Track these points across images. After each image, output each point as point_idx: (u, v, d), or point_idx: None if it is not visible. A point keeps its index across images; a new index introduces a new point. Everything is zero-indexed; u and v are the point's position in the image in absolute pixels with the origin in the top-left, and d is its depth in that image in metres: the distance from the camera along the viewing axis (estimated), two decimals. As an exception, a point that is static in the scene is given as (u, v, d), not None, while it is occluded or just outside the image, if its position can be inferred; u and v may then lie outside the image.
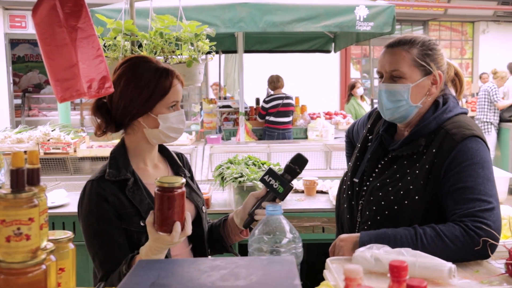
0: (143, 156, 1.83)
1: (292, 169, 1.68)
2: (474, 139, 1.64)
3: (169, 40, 2.79)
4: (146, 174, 1.81)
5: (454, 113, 1.74)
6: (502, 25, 13.86)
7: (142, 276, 1.10)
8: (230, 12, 5.38)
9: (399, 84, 1.70)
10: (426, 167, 1.66)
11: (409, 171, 1.68)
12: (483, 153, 1.63)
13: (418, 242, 1.51)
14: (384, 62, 1.75)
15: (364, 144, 1.92)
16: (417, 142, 1.70)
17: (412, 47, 1.72)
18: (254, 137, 7.43)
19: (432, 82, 1.74)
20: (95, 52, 1.45)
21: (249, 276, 1.08)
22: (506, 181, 3.11)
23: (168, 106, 1.76)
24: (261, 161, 3.12)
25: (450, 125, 1.69)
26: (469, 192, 1.57)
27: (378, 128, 1.89)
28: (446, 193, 1.61)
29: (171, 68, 1.80)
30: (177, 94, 1.78)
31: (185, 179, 1.88)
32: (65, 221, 3.01)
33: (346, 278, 0.97)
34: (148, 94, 1.72)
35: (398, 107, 1.72)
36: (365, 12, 5.64)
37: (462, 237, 1.50)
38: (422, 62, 1.71)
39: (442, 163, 1.63)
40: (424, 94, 1.73)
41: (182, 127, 1.80)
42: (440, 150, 1.65)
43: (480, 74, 11.23)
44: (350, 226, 1.82)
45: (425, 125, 1.71)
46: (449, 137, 1.65)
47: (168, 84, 1.74)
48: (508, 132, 7.94)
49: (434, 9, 13.23)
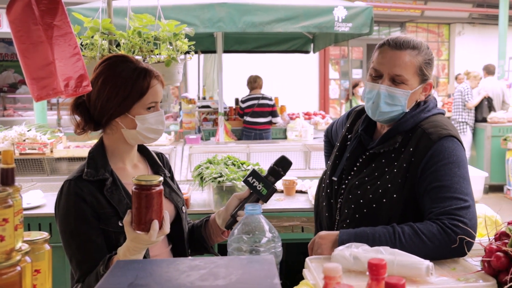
0: (122, 156, 1.81)
1: (276, 171, 1.68)
2: (450, 139, 1.66)
3: (147, 39, 2.76)
4: (125, 174, 1.79)
5: (431, 113, 1.76)
6: (477, 27, 14.10)
7: (120, 277, 1.08)
8: (209, 12, 5.37)
9: (400, 90, 1.69)
10: (404, 165, 1.67)
11: (387, 170, 1.69)
12: (459, 152, 1.66)
13: (397, 240, 1.52)
14: (386, 62, 1.70)
15: (343, 143, 1.92)
16: (393, 139, 1.72)
17: (419, 54, 1.70)
18: (234, 137, 7.43)
19: (422, 90, 1.76)
20: (72, 50, 1.42)
21: (229, 276, 1.08)
22: (482, 180, 3.16)
23: (146, 107, 1.74)
24: (241, 161, 3.12)
25: (427, 125, 1.71)
26: (445, 190, 1.59)
27: (357, 127, 1.90)
28: (423, 191, 1.63)
29: (150, 68, 1.77)
30: (156, 95, 1.75)
31: (165, 178, 1.88)
32: (41, 222, 2.96)
33: (325, 276, 0.97)
34: (125, 94, 1.70)
35: (393, 111, 1.72)
36: (343, 13, 5.67)
37: (439, 235, 1.51)
38: (425, 70, 1.72)
39: (419, 162, 1.65)
40: (414, 100, 1.75)
41: (162, 128, 1.78)
42: (417, 149, 1.66)
43: (456, 75, 11.41)
44: (329, 224, 1.82)
45: (402, 122, 1.72)
46: (425, 136, 1.67)
47: (146, 84, 1.72)
48: (483, 132, 8.08)
49: (411, 10, 13.40)
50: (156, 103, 1.77)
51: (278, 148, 5.51)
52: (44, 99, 1.37)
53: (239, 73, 10.29)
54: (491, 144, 7.96)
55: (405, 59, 1.68)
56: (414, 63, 1.69)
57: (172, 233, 1.86)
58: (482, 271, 1.36)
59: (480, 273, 1.36)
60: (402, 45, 1.69)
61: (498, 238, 1.40)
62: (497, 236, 1.41)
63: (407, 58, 1.68)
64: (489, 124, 8.07)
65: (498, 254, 1.29)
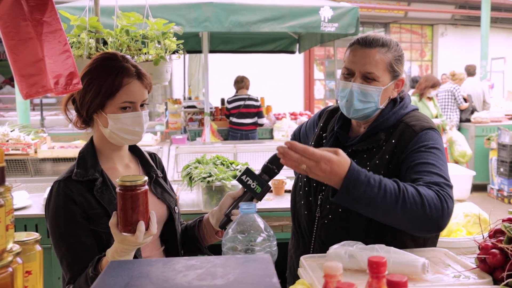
0: (110, 155, 1.79)
1: (270, 169, 1.66)
2: (432, 131, 1.71)
3: (135, 38, 2.73)
4: (115, 174, 1.76)
5: (409, 109, 1.81)
6: (460, 28, 14.27)
7: (115, 278, 1.06)
8: (196, 12, 5.34)
9: (372, 86, 1.71)
10: (386, 157, 1.69)
11: (369, 163, 1.70)
12: (440, 141, 1.70)
13: (401, 194, 1.45)
14: (357, 61, 1.72)
15: (318, 142, 1.92)
16: (376, 137, 1.74)
17: (388, 52, 1.73)
18: (220, 137, 7.40)
19: (395, 86, 1.78)
20: (62, 47, 1.39)
21: (227, 275, 1.06)
22: (469, 179, 3.19)
23: (120, 107, 1.70)
24: (230, 161, 3.10)
25: (409, 119, 1.75)
26: (432, 167, 1.58)
27: (332, 125, 1.91)
28: (407, 167, 1.62)
29: (128, 67, 1.72)
30: (130, 94, 1.70)
31: (157, 178, 1.86)
32: (27, 223, 2.91)
33: (325, 275, 0.96)
34: (97, 91, 1.68)
35: (366, 108, 1.74)
36: (329, 13, 5.69)
37: (436, 200, 1.47)
38: (396, 67, 1.74)
39: (402, 149, 1.67)
40: (387, 97, 1.78)
41: (139, 130, 1.73)
42: (400, 140, 1.69)
43: (441, 75, 11.52)
44: (308, 222, 1.81)
45: (385, 120, 1.75)
46: (409, 128, 1.70)
47: (116, 83, 1.68)
48: (467, 132, 8.17)
49: (395, 11, 13.51)
50: (132, 104, 1.71)
51: (264, 148, 5.51)
52: (34, 97, 1.34)
53: (225, 73, 10.27)
54: (475, 144, 8.05)
55: (375, 56, 1.71)
56: (384, 60, 1.71)
57: (165, 234, 1.86)
58: (477, 268, 1.37)
59: (476, 270, 1.36)
60: (372, 43, 1.72)
61: (492, 236, 1.40)
62: (491, 234, 1.41)
63: (377, 55, 1.71)
64: (473, 124, 8.16)
65: (494, 251, 1.30)
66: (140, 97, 1.73)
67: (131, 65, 1.74)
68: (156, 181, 1.86)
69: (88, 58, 2.58)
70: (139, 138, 1.76)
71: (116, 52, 1.82)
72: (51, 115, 10.71)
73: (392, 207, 1.45)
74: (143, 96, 1.75)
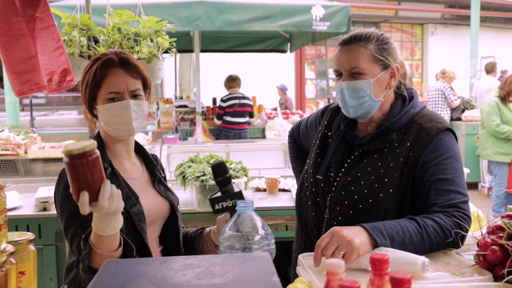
0: (116, 149, 1.82)
1: (223, 181, 1.66)
2: (447, 133, 1.71)
3: (127, 35, 2.71)
4: (123, 168, 1.80)
5: (420, 107, 1.79)
6: (449, 27, 14.35)
7: (112, 278, 1.04)
8: (187, 10, 5.31)
9: (360, 81, 1.70)
10: (400, 160, 1.67)
11: (380, 164, 1.69)
12: (455, 147, 1.71)
13: (423, 231, 1.51)
14: (341, 60, 1.74)
15: (323, 140, 1.90)
16: (388, 137, 1.72)
17: (368, 43, 1.72)
18: (212, 137, 7.37)
19: (390, 76, 1.76)
20: (55, 43, 1.37)
21: (226, 274, 1.04)
22: (463, 176, 3.18)
23: (106, 98, 1.72)
24: (224, 160, 3.07)
25: (422, 119, 1.73)
26: (449, 184, 1.62)
27: (337, 124, 1.89)
28: (425, 182, 1.64)
29: (111, 57, 1.74)
30: (114, 84, 1.71)
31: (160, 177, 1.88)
32: (18, 224, 2.87)
33: (328, 272, 0.94)
34: (86, 84, 1.74)
35: (361, 103, 1.73)
36: (321, 12, 5.69)
37: (455, 227, 1.54)
38: (380, 56, 1.72)
39: (419, 155, 1.66)
40: (384, 87, 1.75)
41: (127, 119, 1.71)
42: (415, 144, 1.68)
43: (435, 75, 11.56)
44: (316, 224, 1.79)
45: (397, 120, 1.73)
46: (423, 131, 1.69)
47: (99, 74, 1.71)
48: (458, 130, 8.20)
49: (385, 11, 13.55)
50: (118, 94, 1.72)
51: (257, 147, 5.49)
52: (27, 94, 1.31)
53: (216, 72, 10.24)
54: (466, 142, 8.08)
55: (356, 51, 1.71)
56: (365, 52, 1.71)
57: (167, 232, 1.88)
58: (477, 265, 1.36)
59: (475, 267, 1.35)
60: (351, 40, 1.73)
61: (491, 232, 1.39)
62: (490, 230, 1.40)
63: (358, 49, 1.71)
64: (464, 123, 8.19)
65: (493, 247, 1.29)
66: (126, 86, 1.73)
67: (116, 56, 1.75)
68: (159, 180, 1.89)
69: (79, 56, 2.55)
70: (130, 128, 1.74)
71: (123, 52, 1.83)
72: (41, 116, 10.64)
73: (420, 244, 1.50)
74: (130, 86, 1.73)
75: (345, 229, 1.42)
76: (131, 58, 1.79)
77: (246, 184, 3.01)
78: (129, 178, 1.80)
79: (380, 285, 0.97)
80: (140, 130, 1.83)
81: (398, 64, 1.76)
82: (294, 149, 2.26)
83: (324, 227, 1.75)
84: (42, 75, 1.32)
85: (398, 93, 1.80)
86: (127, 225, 1.68)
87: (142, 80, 1.78)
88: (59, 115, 10.56)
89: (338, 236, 1.40)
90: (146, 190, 1.84)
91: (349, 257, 1.37)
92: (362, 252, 1.39)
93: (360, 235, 1.42)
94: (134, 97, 1.74)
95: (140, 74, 1.77)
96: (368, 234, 1.43)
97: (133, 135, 1.81)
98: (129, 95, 1.73)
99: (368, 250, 1.41)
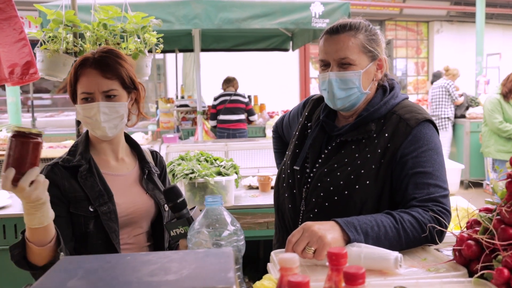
0: (101, 147, 1.82)
1: (174, 206, 1.62)
2: (427, 125, 1.65)
3: (113, 32, 2.67)
4: (107, 165, 1.81)
5: (400, 98, 1.74)
6: (455, 25, 14.21)
7: (63, 273, 1.00)
8: (185, 9, 5.29)
9: (350, 72, 1.65)
10: (378, 151, 1.62)
11: (358, 155, 1.64)
12: (436, 139, 1.66)
13: (400, 226, 1.46)
14: (329, 50, 1.67)
15: (302, 131, 1.85)
16: (367, 127, 1.67)
17: (358, 33, 1.67)
18: (213, 136, 7.34)
19: (377, 67, 1.71)
20: (18, 35, 1.33)
21: (181, 270, 1.00)
22: (458, 172, 3.13)
23: (81, 97, 1.73)
24: (214, 157, 3.04)
25: (401, 110, 1.68)
26: (428, 177, 1.58)
27: (317, 115, 1.84)
28: (404, 176, 1.59)
29: (87, 57, 1.74)
30: (85, 85, 1.71)
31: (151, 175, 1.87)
32: (5, 223, 2.85)
33: (281, 268, 0.90)
34: (66, 82, 1.80)
35: (350, 95, 1.68)
36: (320, 9, 5.63)
37: (433, 222, 1.49)
38: (370, 47, 1.67)
39: (397, 147, 1.62)
40: (371, 79, 1.71)
41: (97, 121, 1.70)
42: (394, 135, 1.63)
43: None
44: (292, 216, 1.74)
45: (375, 110, 1.68)
46: (403, 122, 1.64)
47: (73, 73, 1.74)
48: (463, 128, 8.10)
49: (390, 8, 13.44)
50: (90, 94, 1.71)
51: (256, 146, 5.44)
52: (-13, 87, 1.28)
53: (219, 72, 10.19)
54: (470, 140, 7.98)
55: (346, 41, 1.66)
56: (356, 43, 1.66)
57: (153, 231, 1.88)
58: (453, 260, 1.30)
59: (451, 263, 1.30)
60: (339, 29, 1.68)
61: (469, 227, 1.34)
62: (469, 225, 1.35)
63: (348, 39, 1.66)
64: (468, 120, 8.09)
65: (469, 242, 1.23)
66: (98, 87, 1.70)
67: (93, 55, 1.74)
68: (148, 176, 1.87)
69: (64, 53, 2.52)
70: (101, 129, 1.72)
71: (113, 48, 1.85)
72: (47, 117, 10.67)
73: (396, 240, 1.45)
74: (102, 86, 1.71)
75: (317, 224, 1.37)
76: (112, 57, 1.75)
77: (237, 181, 2.98)
78: (112, 174, 1.80)
79: (337, 281, 0.92)
80: (118, 131, 1.78)
81: (385, 56, 1.72)
82: (278, 144, 2.21)
83: (300, 219, 1.71)
84: (3, 67, 1.29)
85: (379, 84, 1.76)
86: (96, 223, 1.68)
87: (119, 80, 1.74)
88: (65, 116, 10.61)
89: (309, 232, 1.35)
90: (130, 188, 1.82)
91: (320, 253, 1.32)
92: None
93: (333, 230, 1.37)
94: (107, 98, 1.71)
95: (117, 74, 1.73)
96: (341, 229, 1.39)
97: (108, 136, 1.77)
98: (101, 96, 1.71)
99: (341, 245, 1.36)
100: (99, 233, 1.67)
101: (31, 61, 1.36)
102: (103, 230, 1.67)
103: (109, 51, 1.78)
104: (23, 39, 1.36)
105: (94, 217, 1.67)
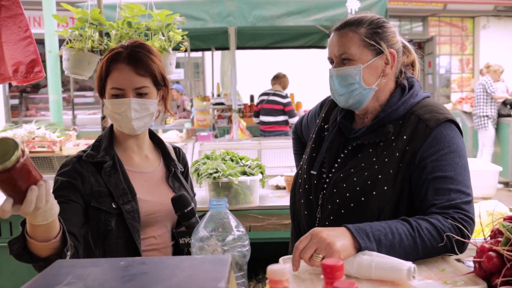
0: (126, 143, 1.79)
1: (182, 215, 1.61)
2: (448, 125, 1.54)
3: (138, 30, 2.66)
4: (130, 161, 1.78)
5: (420, 97, 1.62)
6: (503, 20, 13.68)
7: (49, 280, 0.97)
8: (219, 7, 5.28)
9: (348, 67, 1.58)
10: (396, 155, 1.53)
11: (375, 160, 1.55)
12: (458, 140, 1.54)
13: (416, 234, 1.36)
14: (332, 46, 1.62)
15: (319, 134, 1.77)
16: (384, 129, 1.57)
17: (359, 27, 1.59)
18: (249, 134, 7.28)
19: (385, 62, 1.61)
20: (23, 33, 1.32)
21: (170, 278, 0.96)
22: (495, 175, 2.96)
23: (110, 93, 1.69)
24: (239, 156, 2.99)
25: (421, 110, 1.57)
26: (449, 182, 1.47)
27: (334, 116, 1.76)
28: (423, 181, 1.49)
29: (120, 51, 1.69)
30: (116, 80, 1.67)
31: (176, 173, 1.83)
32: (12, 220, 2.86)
33: (269, 280, 0.84)
34: (97, 75, 1.74)
35: (351, 91, 1.60)
36: (356, 5, 5.49)
37: (453, 230, 1.39)
38: (371, 41, 1.58)
39: (416, 150, 1.52)
40: (378, 75, 1.60)
41: (126, 118, 1.67)
42: (413, 137, 1.53)
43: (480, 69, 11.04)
44: (308, 223, 1.66)
45: (393, 110, 1.58)
46: (422, 123, 1.54)
47: (105, 68, 1.69)
48: (508, 127, 7.75)
49: (433, 4, 13.06)
50: (121, 90, 1.67)
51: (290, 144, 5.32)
52: (-8, 85, 1.27)
53: (255, 70, 10.17)
54: (516, 140, 7.65)
55: (346, 36, 1.59)
56: (355, 37, 1.58)
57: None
58: (473, 273, 1.21)
59: (471, 275, 1.20)
60: (342, 26, 1.62)
61: (493, 236, 1.24)
62: (492, 234, 1.25)
63: (347, 34, 1.59)
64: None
65: (489, 254, 1.13)
66: (130, 84, 1.67)
67: (126, 50, 1.71)
68: (174, 175, 1.84)
69: (90, 51, 2.53)
70: (130, 127, 1.70)
71: (144, 43, 1.81)
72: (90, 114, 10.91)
73: (412, 248, 1.36)
74: (134, 83, 1.68)
75: (326, 231, 1.30)
76: (144, 52, 1.73)
77: (262, 181, 2.92)
78: (136, 171, 1.77)
79: (332, 296, 0.85)
80: (146, 128, 1.78)
81: (396, 49, 1.61)
82: (298, 145, 2.13)
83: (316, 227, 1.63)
84: (7, 65, 1.28)
85: (398, 83, 1.66)
86: (118, 221, 1.65)
87: (151, 77, 1.71)
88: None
89: (317, 238, 1.28)
90: (156, 186, 1.79)
91: None
92: (344, 256, 1.26)
93: (343, 237, 1.29)
94: (139, 95, 1.69)
95: (149, 71, 1.70)
96: (352, 236, 1.31)
97: (136, 133, 1.75)
98: (133, 93, 1.68)
99: (351, 253, 1.28)
100: (120, 231, 1.64)
101: (36, 59, 1.35)
102: (125, 228, 1.64)
103: (141, 45, 1.75)
104: (28, 37, 1.34)
105: (116, 214, 1.64)
